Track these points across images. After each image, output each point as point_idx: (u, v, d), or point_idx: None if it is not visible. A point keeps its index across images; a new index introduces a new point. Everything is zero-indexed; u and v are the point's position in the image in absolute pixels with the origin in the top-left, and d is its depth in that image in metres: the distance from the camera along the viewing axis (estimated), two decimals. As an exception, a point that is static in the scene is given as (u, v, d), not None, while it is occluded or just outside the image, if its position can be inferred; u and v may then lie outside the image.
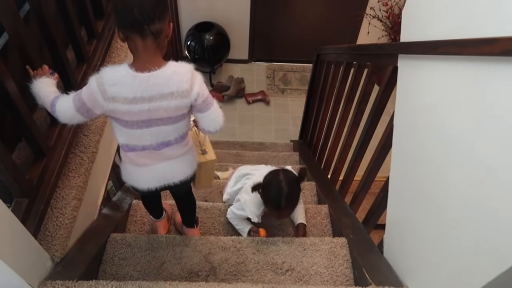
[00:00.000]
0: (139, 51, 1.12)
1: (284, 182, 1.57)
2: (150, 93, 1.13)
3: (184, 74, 1.18)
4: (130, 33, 1.09)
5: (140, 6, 1.04)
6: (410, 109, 1.25)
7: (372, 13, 4.11)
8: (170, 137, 1.27)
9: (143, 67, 1.12)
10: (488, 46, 0.80)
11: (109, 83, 1.11)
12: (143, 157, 1.28)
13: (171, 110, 1.19)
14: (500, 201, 0.80)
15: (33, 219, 1.21)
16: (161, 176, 1.33)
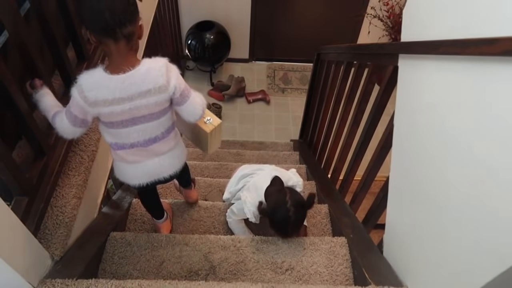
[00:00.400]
0: (113, 54, 1.14)
1: (292, 209, 1.54)
2: (128, 93, 1.16)
3: (158, 70, 1.18)
4: (103, 37, 1.11)
5: (111, 10, 1.05)
6: (410, 109, 1.25)
7: (373, 12, 4.11)
8: (156, 132, 1.29)
9: (118, 69, 1.14)
10: (488, 46, 0.80)
11: (87, 89, 1.14)
12: (133, 155, 1.31)
13: (152, 106, 1.21)
14: (500, 201, 0.80)
15: (33, 217, 1.21)
16: (151, 172, 1.37)
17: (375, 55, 1.74)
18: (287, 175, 1.78)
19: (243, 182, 1.90)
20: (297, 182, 1.78)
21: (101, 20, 1.06)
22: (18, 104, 1.14)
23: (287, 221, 1.55)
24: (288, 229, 1.59)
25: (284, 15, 4.61)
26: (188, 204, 1.96)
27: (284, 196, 1.58)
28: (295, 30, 4.76)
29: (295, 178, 1.79)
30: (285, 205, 1.55)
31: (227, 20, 4.44)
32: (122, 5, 1.07)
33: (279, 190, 1.63)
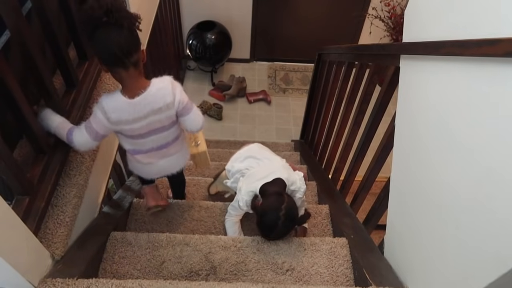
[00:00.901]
0: (124, 79, 1.32)
1: (282, 218, 1.52)
2: (144, 112, 1.37)
3: (166, 88, 1.39)
4: (115, 67, 1.28)
5: (118, 45, 1.22)
6: (411, 110, 1.25)
7: (374, 13, 4.11)
8: (167, 139, 1.53)
9: (133, 93, 1.33)
10: (490, 47, 0.80)
11: (110, 111, 1.33)
12: (147, 158, 1.55)
13: (164, 120, 1.43)
14: (501, 202, 0.79)
15: (34, 217, 1.21)
16: (162, 169, 1.64)
17: (377, 55, 1.74)
18: (292, 178, 1.71)
19: (247, 162, 1.83)
20: (299, 188, 1.72)
21: (112, 55, 1.23)
22: (19, 103, 1.14)
23: (273, 227, 1.54)
24: (271, 235, 1.58)
25: (285, 15, 4.61)
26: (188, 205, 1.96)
27: (280, 203, 1.54)
28: (296, 30, 4.76)
29: (299, 183, 1.72)
30: (278, 211, 1.52)
31: (228, 20, 4.44)
32: (126, 39, 1.23)
33: (279, 194, 1.59)
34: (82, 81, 1.58)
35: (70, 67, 1.48)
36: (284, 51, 4.98)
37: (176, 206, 1.96)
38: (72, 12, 1.49)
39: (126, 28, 1.23)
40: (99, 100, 1.35)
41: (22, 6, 1.39)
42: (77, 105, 1.52)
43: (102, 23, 1.19)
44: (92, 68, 1.66)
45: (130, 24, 1.24)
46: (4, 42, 1.24)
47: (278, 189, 1.62)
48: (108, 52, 1.23)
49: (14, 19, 1.13)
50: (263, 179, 1.64)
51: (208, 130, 4.07)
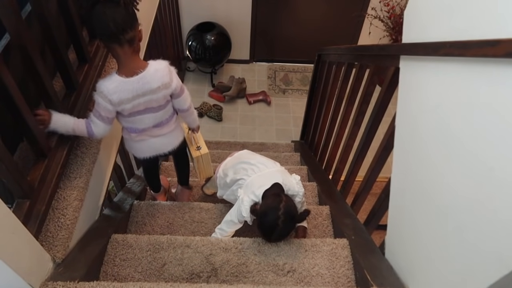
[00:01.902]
0: (120, 56, 1.38)
1: (281, 218, 1.52)
2: (143, 90, 1.45)
3: (163, 70, 1.48)
4: (110, 43, 1.35)
5: (113, 21, 1.28)
6: (412, 110, 1.25)
7: (374, 13, 4.11)
8: (162, 118, 1.62)
9: (131, 72, 1.41)
10: (491, 48, 0.80)
11: (111, 93, 1.39)
12: (142, 135, 1.64)
13: (160, 99, 1.52)
14: (502, 203, 0.79)
15: (35, 220, 1.21)
16: (155, 147, 1.72)
17: (377, 56, 1.74)
18: (289, 182, 1.72)
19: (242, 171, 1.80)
20: (297, 192, 1.72)
21: (106, 30, 1.29)
22: (19, 106, 1.14)
23: (274, 228, 1.54)
24: (273, 236, 1.58)
25: (285, 16, 4.61)
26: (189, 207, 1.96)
27: (278, 203, 1.55)
28: (295, 31, 4.76)
29: (297, 188, 1.73)
30: (276, 211, 1.53)
31: (227, 21, 4.44)
32: (122, 15, 1.30)
33: (276, 195, 1.60)
34: (82, 83, 1.58)
35: (70, 70, 1.48)
36: (283, 52, 4.98)
37: (176, 208, 1.96)
38: (71, 15, 1.49)
39: (122, 6, 1.29)
40: (97, 86, 1.40)
41: (22, 9, 1.39)
42: (77, 108, 1.52)
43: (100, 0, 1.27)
44: (92, 70, 1.66)
45: (127, 2, 1.31)
46: (4, 46, 1.24)
47: (275, 191, 1.63)
48: (103, 26, 1.30)
49: (14, 22, 1.13)
50: (262, 186, 1.65)
51: (208, 131, 4.07)
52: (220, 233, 1.74)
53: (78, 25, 1.54)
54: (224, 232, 1.73)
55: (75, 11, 1.51)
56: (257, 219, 1.59)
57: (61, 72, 1.48)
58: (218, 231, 1.75)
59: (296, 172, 2.65)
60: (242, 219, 1.67)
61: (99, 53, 1.74)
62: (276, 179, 1.68)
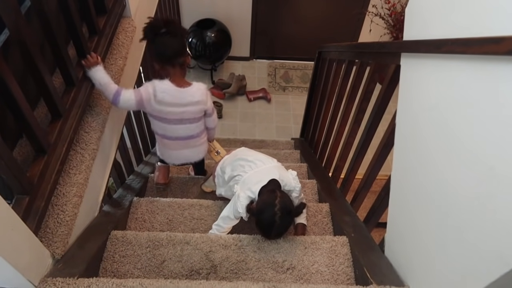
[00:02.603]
0: (171, 75, 1.75)
1: (278, 214, 1.52)
2: (184, 101, 1.77)
3: (202, 90, 1.83)
4: (165, 64, 1.73)
5: (171, 48, 1.70)
6: (412, 108, 1.24)
7: (374, 10, 4.11)
8: (194, 132, 1.90)
9: (178, 84, 1.75)
10: (493, 45, 0.80)
11: (159, 91, 1.71)
12: (174, 144, 1.91)
13: (196, 112, 1.83)
14: (503, 201, 0.79)
15: (34, 216, 1.21)
16: (184, 157, 2.02)
17: (377, 53, 1.74)
18: (285, 178, 1.72)
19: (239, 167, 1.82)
20: (294, 188, 1.73)
21: (165, 55, 1.71)
22: (18, 102, 1.14)
23: (272, 224, 1.54)
24: (272, 233, 1.58)
25: (285, 13, 4.60)
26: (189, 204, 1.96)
27: (274, 199, 1.55)
28: (296, 28, 4.76)
29: (293, 184, 1.74)
30: (272, 207, 1.53)
31: (228, 18, 4.43)
32: (178, 45, 1.71)
33: (271, 191, 1.60)
34: (82, 79, 1.57)
35: (69, 66, 1.47)
36: (284, 49, 4.97)
37: (176, 205, 1.95)
38: (71, 11, 1.48)
39: (177, 37, 1.69)
40: (152, 81, 1.72)
41: (21, 5, 1.38)
42: (77, 104, 1.51)
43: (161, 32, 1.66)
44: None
45: (182, 35, 1.72)
46: (3, 41, 1.24)
47: (270, 187, 1.63)
48: (163, 52, 1.70)
49: (13, 18, 1.12)
50: (259, 182, 1.65)
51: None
52: (217, 229, 1.75)
53: (77, 21, 1.53)
54: (221, 228, 1.74)
55: (75, 7, 1.50)
56: (254, 218, 1.59)
57: (60, 68, 1.48)
58: (215, 227, 1.76)
59: (296, 169, 2.64)
60: (238, 215, 1.67)
61: (99, 48, 1.73)
62: (273, 175, 1.68)
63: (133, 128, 2.46)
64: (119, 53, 1.91)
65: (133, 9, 2.13)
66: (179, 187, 2.31)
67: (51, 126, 1.40)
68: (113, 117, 1.83)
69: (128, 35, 2.02)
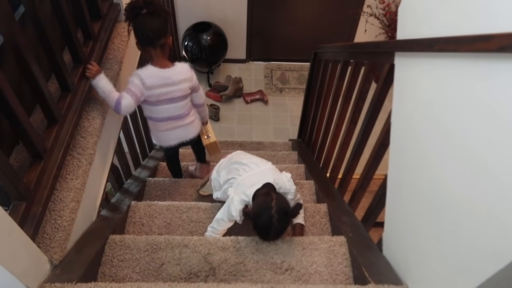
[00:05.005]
0: (153, 57, 1.78)
1: (275, 216, 1.52)
2: (172, 80, 1.83)
3: (186, 67, 1.91)
4: (146, 46, 1.75)
5: (151, 29, 1.69)
6: (407, 107, 1.25)
7: (369, 11, 4.12)
8: (183, 109, 1.97)
9: (162, 65, 1.80)
10: (484, 42, 0.80)
11: (146, 77, 1.76)
12: (167, 125, 1.98)
13: (184, 90, 1.89)
14: (496, 198, 0.80)
15: (31, 222, 1.21)
16: (178, 136, 2.08)
17: (372, 53, 1.74)
18: (280, 181, 1.72)
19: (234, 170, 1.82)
20: (288, 190, 1.73)
21: (145, 36, 1.70)
22: (14, 109, 1.14)
23: (269, 227, 1.54)
24: (270, 235, 1.57)
25: (281, 14, 4.61)
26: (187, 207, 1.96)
27: (270, 201, 1.55)
28: (292, 30, 4.77)
29: (288, 186, 1.73)
30: (269, 210, 1.53)
31: (223, 21, 4.44)
32: (158, 26, 1.69)
33: (267, 194, 1.60)
34: (77, 84, 1.58)
35: (64, 71, 1.47)
36: (280, 51, 4.98)
37: (174, 208, 1.95)
38: (65, 16, 1.48)
39: (159, 18, 1.68)
40: (134, 72, 1.78)
41: (15, 11, 1.38)
42: (73, 109, 1.52)
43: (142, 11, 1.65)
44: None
45: (163, 15, 1.70)
46: (-2, 48, 1.24)
47: (265, 190, 1.63)
48: (143, 34, 1.70)
49: (7, 24, 1.12)
50: (253, 186, 1.65)
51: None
52: (212, 231, 1.75)
53: (72, 26, 1.53)
54: (216, 231, 1.74)
55: (69, 12, 1.51)
56: (251, 221, 1.59)
57: (56, 73, 1.48)
58: (210, 229, 1.77)
59: (294, 170, 2.65)
60: (232, 218, 1.67)
61: (94, 54, 1.73)
62: (267, 178, 1.68)
63: (130, 132, 2.46)
64: (115, 57, 1.91)
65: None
66: (177, 190, 2.31)
67: (47, 131, 1.40)
68: (109, 122, 1.83)
69: (124, 40, 2.02)
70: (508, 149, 0.76)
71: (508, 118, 0.76)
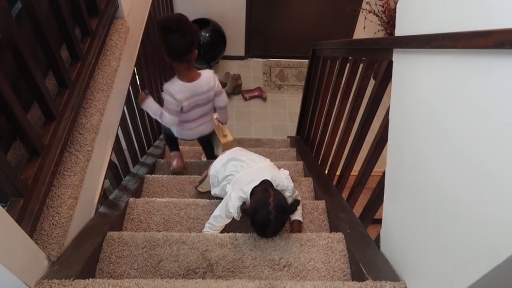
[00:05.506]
0: (179, 70, 2.04)
1: (273, 213, 1.52)
2: (196, 92, 2.10)
3: (210, 77, 2.14)
4: (174, 61, 1.99)
5: (178, 48, 1.93)
6: (404, 104, 1.25)
7: (368, 7, 4.11)
8: (206, 111, 2.28)
9: (188, 79, 2.06)
10: (482, 38, 0.80)
11: (176, 93, 2.03)
12: (192, 124, 2.29)
13: (208, 97, 2.18)
14: (493, 194, 0.80)
15: (29, 218, 1.21)
16: (199, 132, 2.39)
17: (370, 50, 1.74)
18: (278, 178, 1.72)
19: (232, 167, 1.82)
20: (286, 187, 1.73)
21: (174, 53, 1.95)
22: (11, 105, 1.13)
23: (267, 224, 1.54)
24: (268, 231, 1.58)
25: (280, 11, 4.60)
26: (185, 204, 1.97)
27: (267, 198, 1.55)
28: (290, 27, 4.76)
29: (286, 183, 1.74)
30: (267, 206, 1.53)
31: (222, 18, 4.43)
32: (185, 43, 1.91)
33: (264, 190, 1.60)
34: (75, 81, 1.57)
35: (62, 68, 1.47)
36: (279, 48, 4.98)
37: (172, 204, 1.95)
38: (63, 12, 1.48)
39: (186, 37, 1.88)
40: (165, 88, 2.06)
41: (12, 7, 1.38)
42: (71, 105, 1.51)
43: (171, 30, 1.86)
44: (85, 68, 1.65)
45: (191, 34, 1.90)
46: (-5, 44, 1.23)
47: (263, 186, 1.63)
48: (172, 50, 1.94)
49: (4, 20, 1.12)
50: (251, 183, 1.65)
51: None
52: (210, 227, 1.75)
53: (69, 23, 1.53)
54: (213, 227, 1.75)
55: (66, 9, 1.50)
56: (249, 218, 1.59)
57: (53, 70, 1.47)
58: (207, 225, 1.77)
59: (292, 167, 2.66)
60: (230, 215, 1.68)
61: (91, 50, 1.73)
62: (265, 175, 1.68)
63: (129, 129, 2.45)
64: (113, 54, 1.91)
65: (126, 10, 2.13)
66: (175, 186, 2.31)
67: (45, 128, 1.40)
68: (107, 118, 1.82)
69: (122, 36, 2.02)
70: (505, 146, 0.76)
71: (503, 114, 0.76)
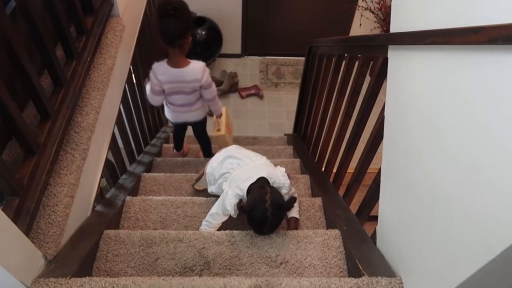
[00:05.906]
0: (171, 54, 2.10)
1: (270, 210, 1.53)
2: (179, 79, 2.17)
3: (198, 69, 2.17)
4: (166, 44, 2.03)
5: (173, 31, 1.97)
6: (400, 101, 1.25)
7: (364, 5, 4.12)
8: (191, 100, 2.34)
9: (175, 64, 2.13)
10: (474, 35, 0.80)
11: (158, 73, 2.14)
12: (177, 109, 2.41)
13: (190, 87, 2.23)
14: (487, 190, 0.80)
15: (25, 217, 1.20)
16: (184, 117, 2.48)
17: (366, 47, 1.75)
18: (274, 175, 1.73)
19: (228, 164, 1.83)
20: (283, 185, 1.74)
21: (166, 37, 2.01)
22: (6, 104, 1.13)
23: (264, 221, 1.54)
24: (264, 229, 1.58)
25: (276, 9, 4.60)
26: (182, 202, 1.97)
27: (264, 195, 1.56)
28: (287, 24, 4.76)
29: (282, 180, 1.74)
30: (263, 204, 1.53)
31: (218, 15, 4.42)
32: (177, 29, 1.98)
33: (261, 187, 1.61)
34: (70, 80, 1.57)
35: (57, 66, 1.46)
36: (275, 45, 4.98)
37: (169, 203, 1.96)
38: (57, 10, 1.47)
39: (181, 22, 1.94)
40: (152, 66, 2.16)
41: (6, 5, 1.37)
42: (66, 104, 1.51)
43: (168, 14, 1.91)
44: (80, 66, 1.65)
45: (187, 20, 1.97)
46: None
47: (260, 184, 1.64)
48: (165, 34, 1.99)
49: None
50: (247, 180, 1.66)
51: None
52: (207, 224, 1.76)
53: (64, 21, 1.52)
54: (210, 225, 1.75)
55: (61, 7, 1.50)
56: (246, 216, 1.60)
57: (48, 68, 1.47)
58: (204, 223, 1.77)
59: (289, 165, 2.66)
60: (227, 213, 1.68)
61: (87, 49, 1.72)
62: (262, 172, 1.69)
63: (125, 127, 2.45)
64: (108, 52, 1.90)
65: (122, 8, 2.12)
66: (172, 185, 2.31)
67: (40, 127, 1.39)
68: (104, 117, 1.82)
69: (117, 34, 2.01)
70: (497, 143, 0.76)
71: (497, 111, 0.76)
